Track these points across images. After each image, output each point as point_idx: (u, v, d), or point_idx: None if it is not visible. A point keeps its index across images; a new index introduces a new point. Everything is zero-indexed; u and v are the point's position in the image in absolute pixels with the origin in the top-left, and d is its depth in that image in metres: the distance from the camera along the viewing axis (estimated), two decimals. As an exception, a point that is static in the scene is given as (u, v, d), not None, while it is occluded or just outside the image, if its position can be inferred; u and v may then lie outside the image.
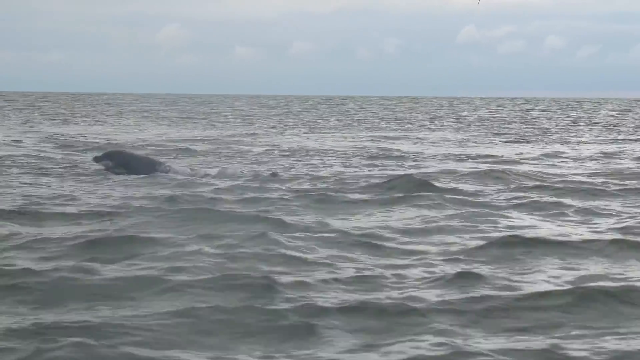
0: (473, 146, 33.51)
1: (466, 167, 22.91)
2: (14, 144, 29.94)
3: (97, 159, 20.02)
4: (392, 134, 42.28)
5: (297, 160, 24.93)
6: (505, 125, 54.58)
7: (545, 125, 54.82)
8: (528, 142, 36.85)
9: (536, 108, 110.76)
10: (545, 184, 18.61)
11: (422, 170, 22.00)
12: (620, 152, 30.45)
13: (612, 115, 78.75)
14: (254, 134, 40.24)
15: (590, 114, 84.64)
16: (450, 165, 23.91)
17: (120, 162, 19.62)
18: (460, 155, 27.82)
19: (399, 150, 29.88)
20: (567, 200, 15.89)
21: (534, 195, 16.49)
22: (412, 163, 24.69)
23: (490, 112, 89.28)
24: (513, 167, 22.94)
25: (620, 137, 41.36)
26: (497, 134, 43.82)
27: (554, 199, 16.07)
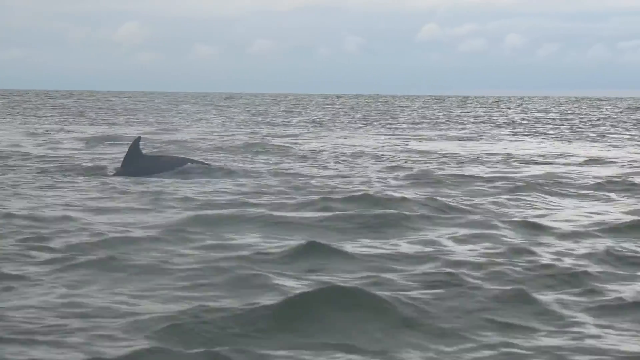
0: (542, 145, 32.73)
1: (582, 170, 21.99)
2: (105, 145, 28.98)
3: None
4: (426, 133, 41.49)
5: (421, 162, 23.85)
6: (525, 124, 54.01)
7: (559, 124, 54.37)
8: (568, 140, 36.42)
9: (512, 106, 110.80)
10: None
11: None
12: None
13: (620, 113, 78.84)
14: (295, 134, 39.13)
15: (588, 111, 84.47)
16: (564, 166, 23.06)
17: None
18: (541, 155, 26.99)
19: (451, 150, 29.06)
20: None
21: None
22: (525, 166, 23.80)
23: (471, 109, 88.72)
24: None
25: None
26: (527, 131, 43.20)
27: None
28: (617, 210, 14.16)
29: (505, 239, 11.14)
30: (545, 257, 9.90)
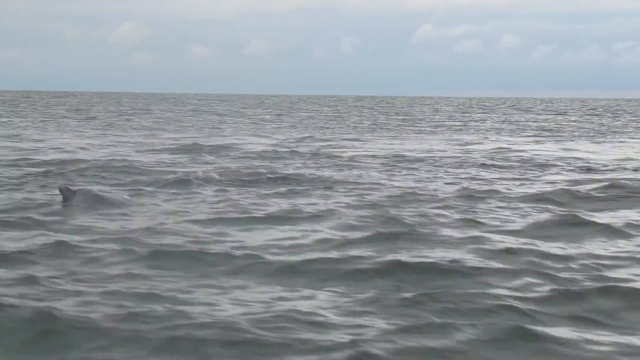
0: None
1: None
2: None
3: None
4: (487, 137, 40.58)
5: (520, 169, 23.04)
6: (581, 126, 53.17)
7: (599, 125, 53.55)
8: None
9: (523, 107, 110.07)
10: None
11: None
12: None
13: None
14: (357, 139, 38.19)
15: (602, 112, 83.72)
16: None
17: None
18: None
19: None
20: None
21: None
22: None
23: (481, 112, 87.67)
24: None
25: None
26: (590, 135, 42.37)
27: None
28: None
29: None
30: None
